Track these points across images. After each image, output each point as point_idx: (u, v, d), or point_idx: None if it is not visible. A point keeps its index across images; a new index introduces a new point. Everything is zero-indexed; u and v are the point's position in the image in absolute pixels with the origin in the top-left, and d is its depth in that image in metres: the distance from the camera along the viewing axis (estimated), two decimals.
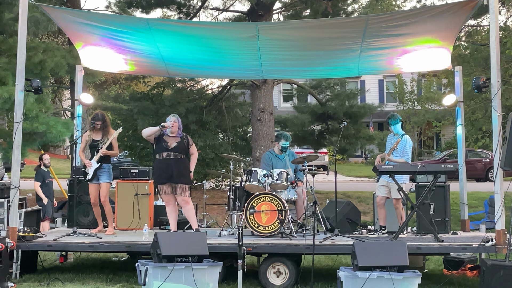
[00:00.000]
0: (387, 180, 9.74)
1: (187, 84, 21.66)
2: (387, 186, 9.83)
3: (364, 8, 21.44)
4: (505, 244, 8.19)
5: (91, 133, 10.03)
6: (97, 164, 9.87)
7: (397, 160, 9.80)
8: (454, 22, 9.68)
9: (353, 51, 10.68)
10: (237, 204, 10.25)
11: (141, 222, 10.65)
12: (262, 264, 8.86)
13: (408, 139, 10.01)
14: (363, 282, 7.49)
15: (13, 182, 9.12)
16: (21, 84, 9.20)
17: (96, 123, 9.99)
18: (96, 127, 9.98)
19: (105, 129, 10.05)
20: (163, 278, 7.85)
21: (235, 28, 12.14)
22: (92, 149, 9.99)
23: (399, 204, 9.77)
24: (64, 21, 10.95)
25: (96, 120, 10.03)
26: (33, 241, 9.18)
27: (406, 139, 9.99)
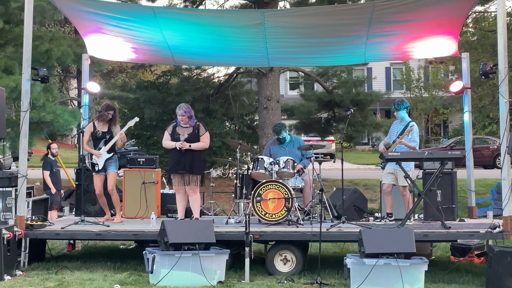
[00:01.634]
0: (393, 167, 9.72)
1: (194, 73, 21.69)
2: (394, 174, 9.81)
3: None
4: None
5: (98, 123, 10.00)
6: (109, 154, 9.87)
7: (408, 144, 9.73)
8: (461, 8, 9.63)
9: (359, 38, 10.64)
10: (244, 192, 10.27)
11: (148, 210, 10.68)
12: (269, 252, 8.87)
13: (415, 126, 9.97)
14: (370, 269, 7.51)
15: (20, 171, 9.16)
16: (28, 73, 9.20)
17: (109, 112, 9.96)
18: (108, 117, 9.94)
19: (112, 121, 10.03)
20: (171, 265, 7.90)
21: (241, 15, 12.13)
22: (97, 140, 9.93)
23: (406, 191, 9.75)
24: (70, 10, 10.95)
25: (109, 109, 10.01)
26: (41, 230, 9.21)
27: (414, 126, 9.95)
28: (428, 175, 9.68)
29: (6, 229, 8.37)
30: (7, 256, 8.25)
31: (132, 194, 10.76)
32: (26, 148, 9.29)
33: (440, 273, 8.74)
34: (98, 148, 9.90)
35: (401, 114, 10.04)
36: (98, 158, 9.81)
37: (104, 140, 9.86)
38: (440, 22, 10.00)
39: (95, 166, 9.85)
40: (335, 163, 11.31)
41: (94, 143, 9.97)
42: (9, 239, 8.34)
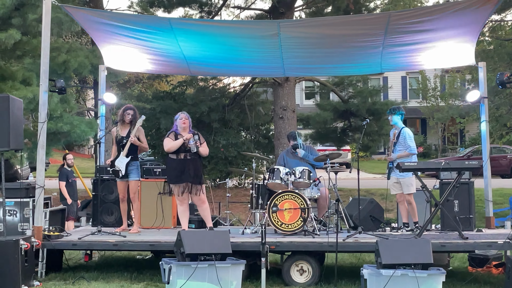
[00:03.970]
0: (396, 177, 9.74)
1: (209, 83, 21.76)
2: (398, 183, 9.81)
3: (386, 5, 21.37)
4: None
5: (120, 127, 10.02)
6: (127, 158, 9.89)
7: (400, 155, 9.74)
8: (477, 17, 9.61)
9: (375, 48, 10.64)
10: (260, 202, 10.25)
11: (165, 220, 10.72)
12: (285, 262, 8.85)
13: (408, 132, 9.92)
14: (387, 280, 7.47)
15: (38, 182, 9.21)
16: (45, 84, 9.28)
17: (128, 111, 9.99)
18: (127, 117, 9.98)
19: (132, 125, 10.03)
20: (187, 276, 7.89)
21: (257, 26, 12.14)
22: (118, 146, 9.96)
23: (411, 200, 9.74)
24: (87, 22, 11.04)
25: (127, 109, 10.05)
26: (58, 240, 9.25)
27: (405, 131, 9.91)
28: (445, 185, 9.65)
29: (24, 240, 8.41)
30: (24, 266, 8.28)
31: (148, 204, 10.77)
32: (44, 159, 9.35)
33: (458, 284, 8.69)
34: (118, 152, 9.92)
35: (395, 120, 10.05)
36: (119, 164, 9.84)
37: (121, 145, 9.90)
38: (456, 31, 9.99)
39: (118, 173, 9.87)
40: (351, 173, 11.27)
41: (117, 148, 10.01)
42: (27, 249, 8.37)
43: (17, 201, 10.96)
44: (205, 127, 18.99)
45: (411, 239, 8.48)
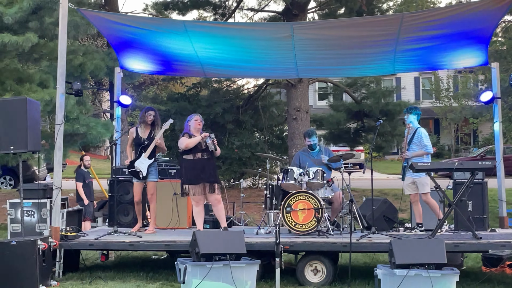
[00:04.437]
0: (412, 177, 9.69)
1: (223, 84, 21.78)
2: (414, 183, 9.77)
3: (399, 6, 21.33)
4: None
5: (140, 129, 10.06)
6: (150, 160, 9.91)
7: (416, 153, 9.71)
8: (490, 18, 9.57)
9: (388, 49, 10.62)
10: (274, 202, 10.25)
11: (180, 221, 10.75)
12: (300, 262, 8.85)
13: (423, 131, 9.90)
14: (401, 280, 7.45)
15: (55, 183, 9.27)
16: (62, 87, 9.33)
17: (149, 113, 10.03)
18: (148, 118, 10.00)
19: (154, 127, 10.07)
20: (202, 276, 7.90)
21: (270, 28, 12.18)
22: (137, 146, 9.96)
23: (428, 198, 9.69)
24: (102, 25, 11.09)
25: (148, 110, 10.08)
26: (75, 240, 9.31)
27: (421, 131, 9.89)
28: (459, 185, 9.60)
29: (41, 240, 8.46)
30: (42, 266, 8.34)
31: (163, 205, 10.80)
32: (61, 160, 9.41)
33: (472, 283, 8.66)
34: (139, 154, 9.92)
35: (410, 119, 10.00)
36: (140, 165, 9.86)
37: (142, 146, 9.91)
38: (469, 32, 9.94)
39: (138, 174, 9.87)
40: (364, 173, 11.25)
41: (135, 149, 10.01)
42: (44, 250, 8.43)
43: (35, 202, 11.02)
44: (219, 128, 19.01)
45: (424, 239, 8.45)
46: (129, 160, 9.97)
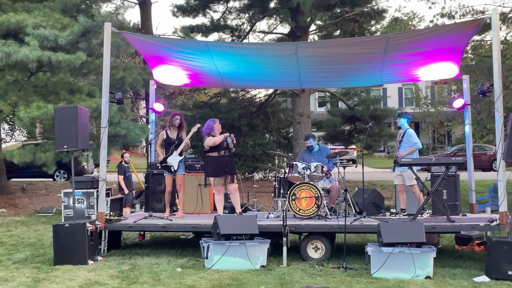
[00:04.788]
0: (400, 170, 9.70)
1: (239, 94, 21.80)
2: (401, 175, 9.77)
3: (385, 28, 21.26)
4: (508, 223, 8.04)
5: (170, 131, 10.07)
6: (180, 156, 9.93)
7: (408, 151, 9.69)
8: (462, 38, 9.52)
9: (376, 64, 10.58)
10: (281, 192, 10.28)
11: (203, 207, 10.77)
12: (303, 241, 8.84)
13: (411, 132, 9.94)
14: (387, 256, 7.45)
15: (101, 176, 9.31)
16: (106, 96, 9.37)
17: (175, 117, 10.04)
18: (175, 122, 10.01)
19: (180, 129, 10.10)
20: (222, 252, 7.93)
21: (278, 47, 12.14)
22: (168, 146, 9.96)
23: (414, 189, 9.68)
24: (139, 45, 11.13)
25: (175, 115, 10.11)
26: (117, 223, 9.34)
27: (409, 132, 9.93)
28: (435, 177, 9.59)
29: (90, 223, 8.53)
30: (90, 244, 8.40)
31: (190, 194, 10.85)
32: (105, 157, 9.45)
33: (447, 259, 8.61)
34: (171, 152, 9.92)
35: (401, 122, 10.09)
36: (172, 161, 9.87)
37: (173, 146, 9.93)
38: (445, 49, 9.89)
39: (171, 168, 9.89)
40: (356, 167, 11.23)
41: (166, 148, 10.00)
42: (92, 231, 8.49)
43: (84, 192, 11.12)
44: (236, 130, 19.00)
45: (407, 222, 8.43)
46: (161, 157, 9.99)
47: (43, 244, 10.36)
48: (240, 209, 9.86)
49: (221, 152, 9.51)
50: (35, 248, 9.89)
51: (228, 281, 7.09)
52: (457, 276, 7.54)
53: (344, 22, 19.09)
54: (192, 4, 19.74)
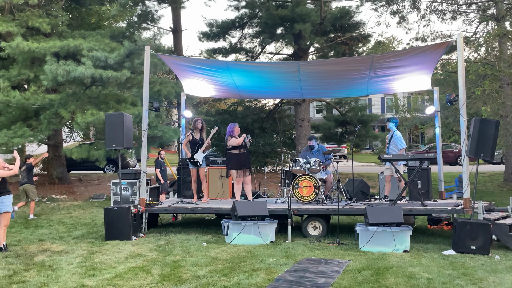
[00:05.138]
0: (389, 164, 9.64)
1: (252, 103, 21.80)
2: (390, 168, 9.73)
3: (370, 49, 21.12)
4: (470, 207, 7.98)
5: (194, 133, 10.10)
6: (204, 154, 9.96)
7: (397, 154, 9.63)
8: (433, 57, 9.46)
9: (363, 78, 10.54)
10: (286, 182, 10.26)
11: (224, 194, 10.78)
12: (304, 222, 8.84)
13: (397, 134, 9.87)
14: (372, 234, 7.43)
15: (142, 169, 9.37)
16: (146, 105, 9.43)
17: (197, 121, 10.07)
18: (198, 125, 10.02)
19: (202, 131, 10.13)
20: (239, 231, 7.95)
21: (284, 65, 12.13)
22: (194, 145, 9.95)
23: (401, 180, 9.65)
24: (172, 64, 11.16)
25: (197, 120, 10.13)
26: (155, 207, 9.40)
27: (396, 134, 9.86)
28: (411, 170, 9.54)
29: (133, 207, 8.59)
30: (134, 224, 8.46)
31: (213, 183, 10.88)
32: (145, 154, 9.50)
33: (421, 236, 8.57)
34: (196, 149, 9.89)
35: (390, 125, 10.06)
36: (198, 157, 9.87)
37: (198, 145, 9.94)
38: (419, 67, 9.83)
39: (197, 163, 9.90)
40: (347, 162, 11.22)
41: (191, 147, 10.01)
42: (135, 213, 8.55)
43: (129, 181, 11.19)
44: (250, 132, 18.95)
45: (388, 206, 8.37)
46: (189, 154, 10.01)
47: (96, 223, 10.45)
48: (252, 196, 9.87)
49: (241, 150, 9.53)
50: (90, 227, 9.99)
51: (244, 254, 7.10)
52: (429, 250, 7.51)
53: (337, 45, 19.07)
54: (215, 31, 19.78)
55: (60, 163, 17.86)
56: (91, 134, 26.25)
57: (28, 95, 13.73)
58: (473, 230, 7.25)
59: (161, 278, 5.79)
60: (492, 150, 7.63)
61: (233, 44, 20.19)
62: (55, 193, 15.89)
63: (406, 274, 5.93)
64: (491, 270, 6.23)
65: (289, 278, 5.74)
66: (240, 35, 20.16)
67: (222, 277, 5.77)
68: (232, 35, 20.22)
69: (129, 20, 18.64)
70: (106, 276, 5.88)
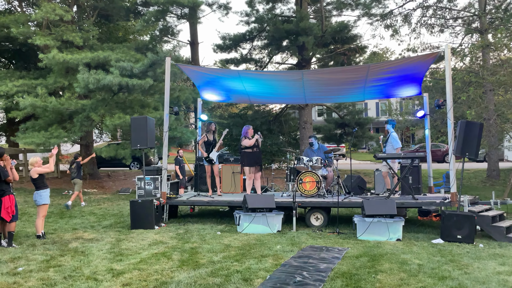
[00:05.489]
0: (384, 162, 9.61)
1: (261, 108, 21.78)
2: (386, 165, 9.67)
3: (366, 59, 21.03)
4: (457, 201, 7.92)
5: (208, 134, 10.13)
6: (217, 153, 9.97)
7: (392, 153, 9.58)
8: (423, 66, 9.40)
9: (360, 85, 10.51)
10: (291, 177, 10.24)
11: (236, 188, 10.78)
12: (307, 213, 8.82)
13: (394, 135, 9.82)
14: (369, 224, 7.39)
15: (163, 166, 9.40)
16: (167, 110, 9.46)
17: (211, 124, 10.10)
18: (211, 128, 10.05)
19: (214, 133, 10.15)
20: (249, 221, 7.95)
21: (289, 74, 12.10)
22: (208, 146, 9.97)
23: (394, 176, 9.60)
24: (190, 72, 11.20)
25: (210, 123, 10.17)
26: (175, 200, 9.43)
27: (392, 135, 9.80)
28: (404, 167, 9.48)
29: (156, 199, 8.65)
30: (156, 214, 8.50)
31: (226, 179, 10.89)
32: (166, 152, 9.54)
33: (412, 227, 8.52)
34: (211, 149, 9.89)
35: (388, 127, 10.01)
36: (213, 156, 9.87)
37: (211, 145, 9.96)
38: (410, 75, 9.78)
39: (212, 161, 9.92)
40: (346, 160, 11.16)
41: (206, 147, 10.02)
42: (157, 205, 8.58)
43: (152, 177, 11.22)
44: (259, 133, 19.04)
45: (383, 199, 8.33)
46: (205, 154, 10.03)
47: (122, 214, 10.51)
48: (261, 191, 9.87)
49: (254, 149, 9.52)
50: (117, 217, 10.04)
51: (254, 242, 7.10)
52: (419, 239, 7.46)
53: (336, 55, 19.00)
54: (227, 44, 19.80)
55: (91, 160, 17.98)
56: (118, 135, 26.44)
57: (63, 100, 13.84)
58: (459, 221, 7.19)
59: (181, 263, 5.81)
60: (476, 150, 7.58)
61: (243, 55, 20.20)
62: (86, 187, 16.01)
63: (399, 260, 5.90)
64: (475, 257, 6.17)
65: (294, 263, 5.74)
66: (250, 47, 20.17)
67: (235, 262, 5.78)
68: (243, 47, 20.24)
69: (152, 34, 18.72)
70: (132, 261, 5.91)
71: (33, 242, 7.14)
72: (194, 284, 4.85)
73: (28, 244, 7.00)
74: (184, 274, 5.25)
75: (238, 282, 4.90)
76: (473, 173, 18.57)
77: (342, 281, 4.95)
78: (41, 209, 7.45)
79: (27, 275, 5.29)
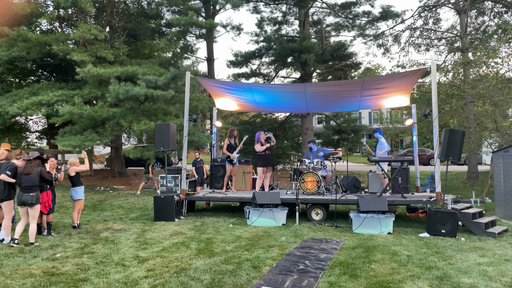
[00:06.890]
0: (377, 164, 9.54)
1: (268, 116, 21.76)
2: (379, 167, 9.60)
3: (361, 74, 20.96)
4: (441, 199, 7.82)
5: (230, 139, 10.04)
6: (238, 155, 9.94)
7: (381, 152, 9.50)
8: (411, 80, 9.32)
9: (355, 97, 10.44)
10: (295, 177, 10.19)
11: (246, 186, 10.74)
12: (308, 209, 8.77)
13: (382, 140, 9.75)
14: (363, 219, 7.32)
15: (183, 166, 9.40)
16: (186, 117, 9.46)
17: (234, 130, 10.06)
18: (234, 133, 10.01)
19: (236, 137, 10.12)
20: (258, 215, 7.91)
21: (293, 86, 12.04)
22: (229, 148, 9.88)
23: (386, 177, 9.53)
24: (207, 85, 11.21)
25: (233, 130, 10.14)
26: (192, 196, 9.41)
27: (381, 140, 9.73)
28: (394, 169, 9.39)
29: (176, 195, 8.63)
30: (176, 208, 8.50)
31: (238, 178, 10.84)
32: (185, 154, 9.53)
33: (401, 222, 8.43)
34: (232, 152, 9.82)
35: (377, 134, 9.94)
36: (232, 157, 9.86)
37: (233, 148, 9.92)
38: (400, 88, 9.71)
39: (232, 161, 9.86)
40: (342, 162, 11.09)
41: (228, 150, 9.93)
42: (177, 200, 8.58)
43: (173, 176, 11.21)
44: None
45: (375, 197, 8.26)
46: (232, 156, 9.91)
47: (147, 208, 10.53)
48: (268, 188, 9.83)
49: (266, 151, 9.49)
50: (142, 211, 10.06)
51: (261, 233, 7.07)
52: (408, 232, 7.37)
53: (334, 70, 18.95)
54: (239, 60, 19.86)
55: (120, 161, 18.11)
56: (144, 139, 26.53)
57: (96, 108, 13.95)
58: (443, 217, 7.10)
59: (198, 251, 5.80)
60: (459, 154, 7.48)
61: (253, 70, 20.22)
62: (116, 184, 16.08)
63: (390, 251, 5.83)
64: (458, 249, 6.08)
65: (297, 253, 5.70)
66: (259, 63, 20.20)
67: (245, 252, 5.75)
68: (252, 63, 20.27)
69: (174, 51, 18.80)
70: (155, 249, 5.91)
71: (69, 232, 7.17)
72: (210, 271, 4.84)
73: (65, 234, 7.03)
74: (201, 262, 5.24)
75: (248, 269, 4.88)
76: (455, 175, 18.36)
77: (340, 269, 4.90)
78: (77, 204, 7.49)
79: (64, 261, 5.31)
